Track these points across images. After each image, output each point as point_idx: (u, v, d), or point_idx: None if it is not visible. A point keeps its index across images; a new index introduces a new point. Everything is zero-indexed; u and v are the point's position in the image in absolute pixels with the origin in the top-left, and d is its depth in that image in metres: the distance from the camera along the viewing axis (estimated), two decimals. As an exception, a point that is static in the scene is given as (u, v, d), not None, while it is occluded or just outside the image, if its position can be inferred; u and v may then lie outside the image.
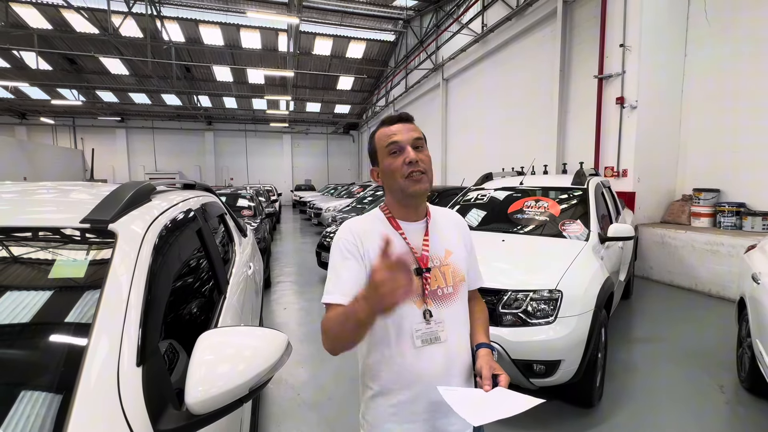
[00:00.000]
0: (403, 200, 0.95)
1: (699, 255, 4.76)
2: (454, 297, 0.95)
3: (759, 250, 2.69)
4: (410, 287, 0.68)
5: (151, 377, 0.70)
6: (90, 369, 0.62)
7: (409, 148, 0.90)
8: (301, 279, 5.75)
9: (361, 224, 0.97)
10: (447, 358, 0.92)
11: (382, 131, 0.95)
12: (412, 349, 0.90)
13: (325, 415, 2.31)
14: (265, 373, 0.77)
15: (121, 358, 0.66)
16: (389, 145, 0.92)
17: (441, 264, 0.95)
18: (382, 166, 0.94)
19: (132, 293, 0.78)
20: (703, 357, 3.00)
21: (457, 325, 0.96)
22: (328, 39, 16.01)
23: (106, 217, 0.92)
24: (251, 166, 25.28)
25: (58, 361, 0.65)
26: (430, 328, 0.91)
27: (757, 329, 2.24)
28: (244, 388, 0.73)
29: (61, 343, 0.70)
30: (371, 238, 0.93)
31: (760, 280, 2.30)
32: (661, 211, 5.83)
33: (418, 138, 0.93)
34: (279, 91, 19.77)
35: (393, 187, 0.94)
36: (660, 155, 5.71)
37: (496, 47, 9.74)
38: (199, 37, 15.14)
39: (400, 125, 0.93)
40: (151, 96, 19.57)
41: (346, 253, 0.92)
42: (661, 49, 5.52)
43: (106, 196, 1.02)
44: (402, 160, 0.90)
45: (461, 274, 0.98)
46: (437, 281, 0.93)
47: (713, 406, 2.38)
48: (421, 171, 0.90)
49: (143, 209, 1.07)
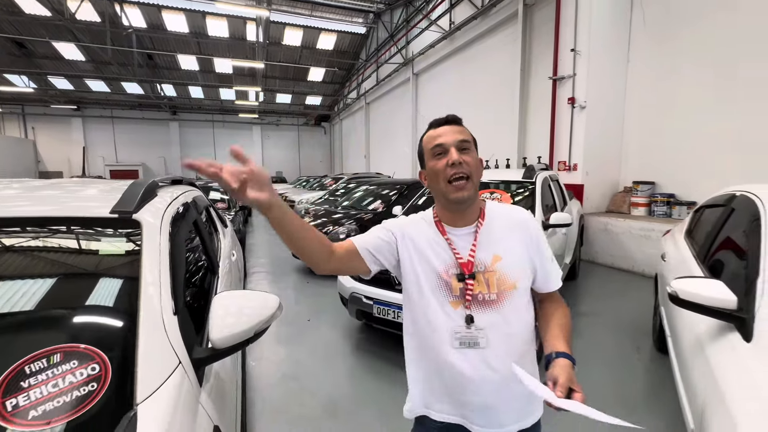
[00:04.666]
0: (447, 206, 0.95)
1: (636, 240, 5.39)
2: (497, 305, 0.91)
3: (670, 235, 3.20)
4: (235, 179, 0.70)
5: (183, 323, 0.97)
6: (146, 314, 0.88)
7: (453, 149, 0.89)
8: (275, 269, 5.95)
9: (410, 220, 1.02)
10: (485, 365, 0.91)
11: (429, 134, 0.95)
12: (450, 348, 0.92)
13: (306, 385, 2.61)
14: (264, 321, 1.05)
15: (163, 309, 0.93)
16: (434, 147, 0.91)
17: (486, 270, 0.92)
18: (428, 169, 0.94)
19: (162, 266, 1.03)
20: (630, 325, 3.53)
21: (502, 334, 0.92)
22: (298, 30, 15.87)
23: (130, 209, 1.16)
24: (220, 158, 24.44)
25: (126, 307, 0.91)
26: (470, 333, 0.90)
27: (662, 298, 2.73)
28: (250, 331, 1.01)
29: (125, 295, 0.96)
30: (415, 233, 0.98)
31: (665, 258, 2.80)
32: (605, 201, 6.46)
33: (464, 140, 0.91)
34: (248, 82, 19.38)
35: (437, 191, 0.94)
36: (605, 151, 6.32)
37: (463, 45, 10.14)
38: (162, 24, 14.59)
39: (447, 127, 0.93)
40: (110, 84, 18.62)
41: (382, 231, 0.98)
42: (607, 55, 6.08)
43: (124, 192, 1.26)
44: (445, 162, 0.89)
45: (510, 282, 0.92)
46: (479, 287, 0.91)
47: (629, 361, 2.88)
48: (464, 175, 0.89)
49: (155, 202, 1.30)
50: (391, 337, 3.19)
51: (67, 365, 0.73)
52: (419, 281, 0.95)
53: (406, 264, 0.97)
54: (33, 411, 0.66)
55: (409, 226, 0.99)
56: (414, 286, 0.96)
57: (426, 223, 1.00)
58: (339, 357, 3.04)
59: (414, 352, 1.01)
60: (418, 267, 0.96)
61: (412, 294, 0.97)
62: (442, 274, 0.93)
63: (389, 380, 2.62)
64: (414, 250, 0.96)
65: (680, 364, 1.84)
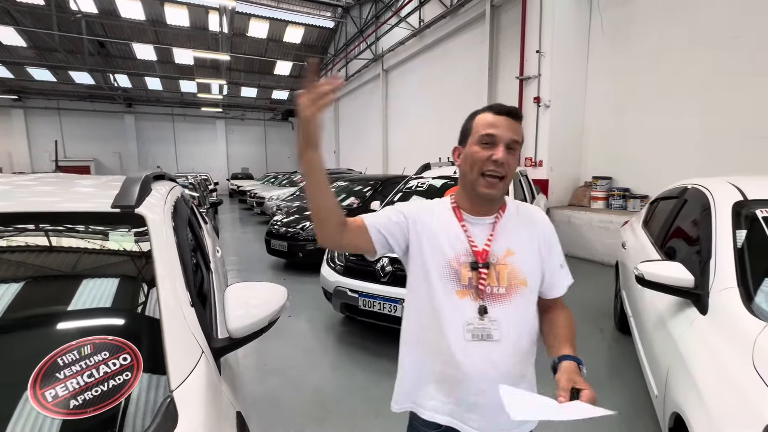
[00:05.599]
0: (471, 194, 0.92)
1: (595, 231, 5.78)
2: (506, 298, 0.89)
3: (629, 225, 3.49)
4: (324, 99, 0.74)
5: (199, 314, 0.98)
6: (167, 306, 0.89)
7: (501, 146, 0.85)
8: (248, 267, 5.84)
9: (425, 205, 0.99)
10: (497, 359, 0.88)
11: (485, 116, 0.89)
12: (462, 341, 0.88)
13: (291, 377, 2.64)
14: (277, 310, 1.08)
15: (181, 301, 0.94)
16: (485, 134, 0.86)
17: (498, 262, 0.90)
18: (467, 151, 0.90)
19: (173, 259, 1.04)
20: (593, 309, 3.81)
21: (514, 329, 0.90)
22: (264, 21, 15.44)
23: (131, 203, 1.15)
24: (181, 153, 23.55)
25: (146, 300, 0.91)
26: (483, 324, 0.88)
27: (623, 283, 2.99)
28: (265, 320, 1.04)
29: (144, 288, 0.96)
30: (429, 218, 0.95)
31: (625, 246, 3.06)
32: (568, 195, 6.87)
33: (515, 141, 0.87)
34: (211, 74, 18.60)
35: (467, 176, 0.91)
36: (568, 148, 6.71)
37: (432, 43, 10.32)
38: (115, 10, 13.69)
39: (506, 120, 0.87)
40: (56, 73, 17.23)
41: (394, 213, 0.96)
42: (569, 56, 6.44)
43: (122, 186, 1.23)
44: (489, 155, 0.85)
45: (521, 278, 0.91)
46: (489, 279, 0.89)
47: (594, 342, 3.13)
48: (500, 176, 0.86)
49: (153, 196, 1.28)
50: (373, 330, 3.26)
51: (99, 356, 0.73)
52: (426, 267, 0.92)
53: (414, 249, 0.94)
54: (73, 400, 0.66)
55: (422, 211, 0.97)
56: (420, 272, 0.93)
57: (442, 207, 0.97)
58: (323, 350, 3.07)
59: (411, 342, 0.98)
60: (428, 253, 0.92)
61: (418, 281, 0.95)
62: (452, 262, 0.91)
63: (373, 370, 2.70)
64: (425, 235, 0.93)
65: (643, 340, 2.04)
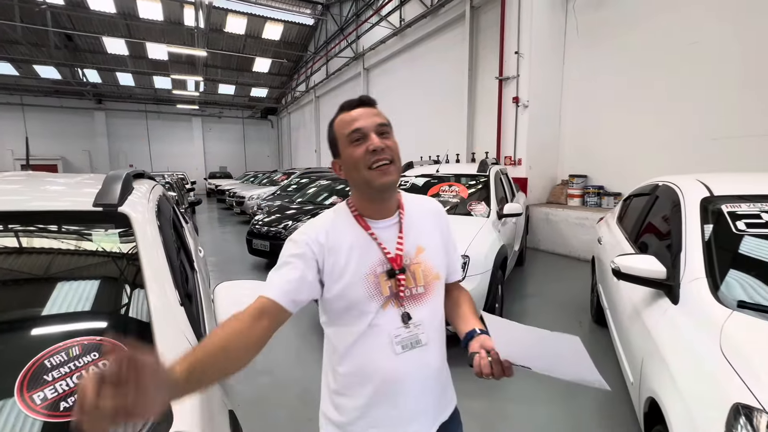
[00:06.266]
0: (369, 195, 0.85)
1: (572, 228, 5.98)
2: (425, 297, 0.87)
3: (604, 221, 3.63)
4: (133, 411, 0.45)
5: (189, 313, 0.97)
6: (156, 306, 0.87)
7: (373, 134, 0.80)
8: (229, 267, 5.73)
9: (322, 225, 0.86)
10: (429, 362, 0.86)
11: (342, 118, 0.84)
12: (392, 356, 0.82)
13: (278, 377, 2.62)
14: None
15: (170, 300, 0.92)
16: (351, 132, 0.81)
17: (411, 263, 0.86)
18: (344, 157, 0.83)
19: (160, 258, 1.02)
20: (570, 303, 3.94)
21: (435, 328, 0.88)
22: (242, 17, 15.14)
23: (114, 202, 1.11)
24: (155, 152, 22.78)
25: (134, 299, 0.89)
26: (410, 332, 0.83)
27: (600, 277, 3.11)
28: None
29: (131, 288, 0.93)
30: (332, 239, 0.83)
31: (601, 242, 3.18)
32: (546, 193, 7.06)
33: (382, 124, 0.82)
34: (186, 70, 18.11)
35: (357, 180, 0.83)
36: (546, 147, 6.89)
37: (413, 42, 10.37)
38: (83, 1, 13.11)
39: (362, 110, 0.83)
40: (18, 66, 16.36)
41: (292, 261, 0.81)
42: (546, 57, 6.61)
43: (103, 183, 1.19)
44: (365, 148, 0.80)
45: (434, 272, 0.89)
46: (408, 282, 0.85)
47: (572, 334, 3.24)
48: (387, 160, 0.80)
49: (136, 194, 1.25)
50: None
51: (88, 357, 0.71)
52: (345, 294, 0.82)
53: (327, 279, 0.83)
54: (63, 403, 0.65)
55: (321, 234, 0.84)
56: (339, 302, 0.83)
57: (343, 221, 0.87)
58: (309, 349, 3.06)
59: (342, 382, 0.87)
60: (343, 277, 0.82)
61: (336, 311, 0.84)
62: (369, 276, 0.83)
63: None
64: (334, 261, 0.82)
65: (619, 330, 2.13)
